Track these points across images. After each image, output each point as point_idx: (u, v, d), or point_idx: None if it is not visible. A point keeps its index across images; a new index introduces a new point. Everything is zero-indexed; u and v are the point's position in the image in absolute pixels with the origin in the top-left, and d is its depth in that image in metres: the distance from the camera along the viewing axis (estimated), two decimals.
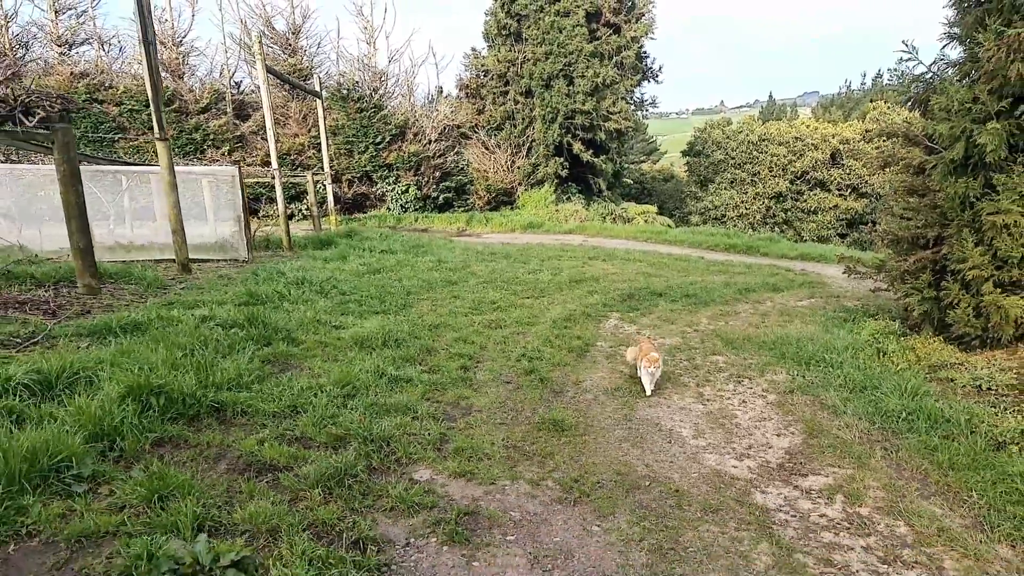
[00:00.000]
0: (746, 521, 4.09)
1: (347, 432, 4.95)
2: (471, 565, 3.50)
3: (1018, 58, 7.20)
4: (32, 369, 4.99)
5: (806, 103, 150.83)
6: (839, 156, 34.19)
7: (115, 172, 15.15)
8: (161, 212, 15.49)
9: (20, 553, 3.19)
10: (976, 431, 5.19)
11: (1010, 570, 3.55)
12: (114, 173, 15.04)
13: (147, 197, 15.67)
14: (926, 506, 4.25)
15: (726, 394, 6.62)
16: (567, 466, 4.81)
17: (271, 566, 3.19)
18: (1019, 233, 7.07)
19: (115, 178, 14.75)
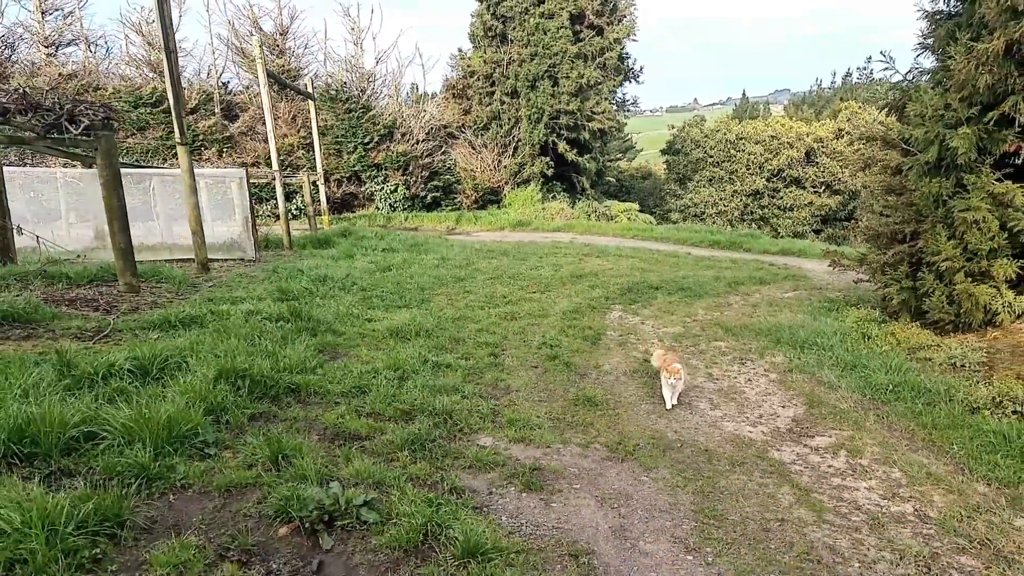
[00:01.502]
0: (768, 471, 4.89)
1: (412, 407, 5.63)
2: (550, 506, 4.23)
3: (986, 70, 8.04)
4: (130, 356, 5.61)
5: (778, 100, 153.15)
6: (813, 154, 35.36)
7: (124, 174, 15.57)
8: (165, 213, 15.97)
9: (180, 501, 3.84)
10: (954, 399, 6.05)
11: (987, 500, 4.39)
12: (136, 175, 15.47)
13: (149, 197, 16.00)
14: (915, 457, 5.08)
15: (732, 374, 7.42)
16: (607, 433, 5.56)
17: (396, 503, 3.88)
18: (987, 228, 7.90)
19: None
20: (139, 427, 4.23)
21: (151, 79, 30.01)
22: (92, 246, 14.72)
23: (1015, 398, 5.87)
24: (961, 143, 8.13)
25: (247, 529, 3.60)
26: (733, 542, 3.91)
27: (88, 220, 15.76)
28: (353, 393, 5.94)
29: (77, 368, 5.34)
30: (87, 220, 15.84)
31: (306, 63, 34.54)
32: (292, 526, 3.67)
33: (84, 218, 15.94)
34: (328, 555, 3.49)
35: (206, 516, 3.70)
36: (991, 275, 8.03)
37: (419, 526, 3.63)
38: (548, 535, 3.87)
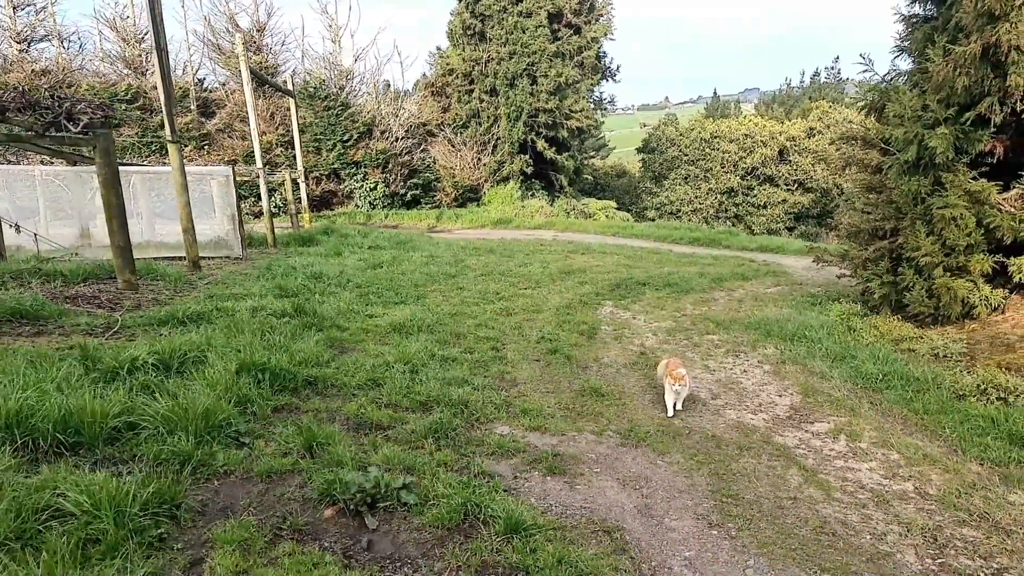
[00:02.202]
0: (775, 455, 5.17)
1: (428, 399, 5.81)
2: (575, 488, 4.45)
3: (964, 72, 8.41)
4: (152, 351, 5.71)
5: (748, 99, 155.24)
6: (786, 152, 36.06)
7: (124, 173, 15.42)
8: (147, 211, 15.87)
9: (225, 486, 3.99)
10: (941, 387, 6.40)
11: (981, 478, 4.72)
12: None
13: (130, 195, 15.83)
14: (911, 440, 5.40)
15: (728, 365, 7.72)
16: (618, 421, 5.81)
17: (431, 486, 4.07)
18: (964, 225, 8.28)
19: None
20: (179, 417, 4.37)
21: (126, 75, 29.67)
22: (77, 244, 14.59)
23: (999, 385, 6.24)
24: (939, 143, 8.49)
25: (294, 511, 3.77)
26: (752, 518, 4.17)
27: (71, 218, 15.58)
28: (369, 385, 6.10)
29: (101, 362, 5.44)
30: (68, 218, 15.64)
31: (284, 60, 34.42)
32: (336, 508, 3.85)
33: (61, 216, 15.72)
34: (374, 534, 3.67)
35: (253, 500, 3.86)
36: (968, 270, 8.41)
37: (458, 506, 3.83)
38: (578, 514, 4.10)
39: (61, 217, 14.97)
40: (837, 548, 3.87)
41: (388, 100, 33.62)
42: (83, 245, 14.48)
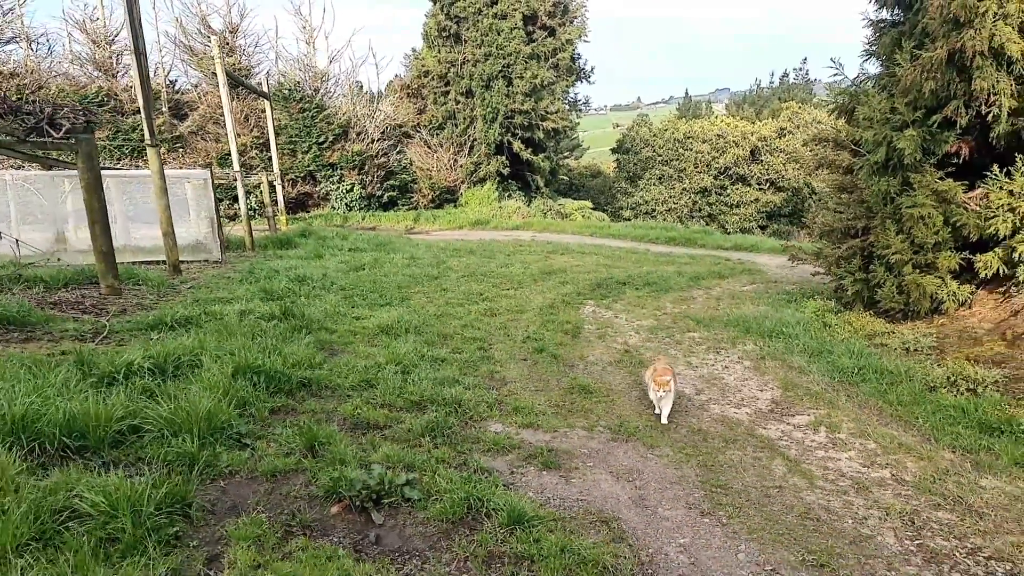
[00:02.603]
0: (759, 446, 5.39)
1: (421, 398, 5.94)
2: (570, 481, 4.62)
3: (931, 76, 8.72)
4: (147, 355, 5.77)
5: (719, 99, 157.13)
6: (758, 152, 36.67)
7: None
8: (123, 215, 15.73)
9: (232, 486, 4.09)
10: (913, 379, 6.68)
11: (954, 465, 4.98)
12: None
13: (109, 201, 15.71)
14: (886, 430, 5.66)
15: (710, 362, 7.95)
16: (607, 417, 5.99)
17: (434, 482, 4.21)
18: (932, 223, 8.59)
19: None
20: (182, 420, 4.45)
21: (96, 78, 29.27)
22: (53, 249, 14.43)
23: (968, 377, 6.53)
24: (907, 144, 8.80)
25: (302, 508, 3.88)
26: (741, 506, 4.37)
27: (43, 222, 15.37)
28: (362, 386, 6.21)
29: (97, 367, 5.48)
30: (40, 223, 15.42)
31: (257, 61, 34.18)
32: (343, 505, 3.97)
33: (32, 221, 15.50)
34: (381, 529, 3.80)
35: (260, 498, 3.97)
36: (936, 267, 8.73)
37: (461, 500, 3.97)
38: (576, 506, 4.26)
39: (32, 222, 14.77)
40: (822, 532, 4.09)
41: (364, 102, 33.55)
42: (58, 250, 14.31)
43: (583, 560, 3.48)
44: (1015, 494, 4.54)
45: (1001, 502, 4.44)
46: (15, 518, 3.07)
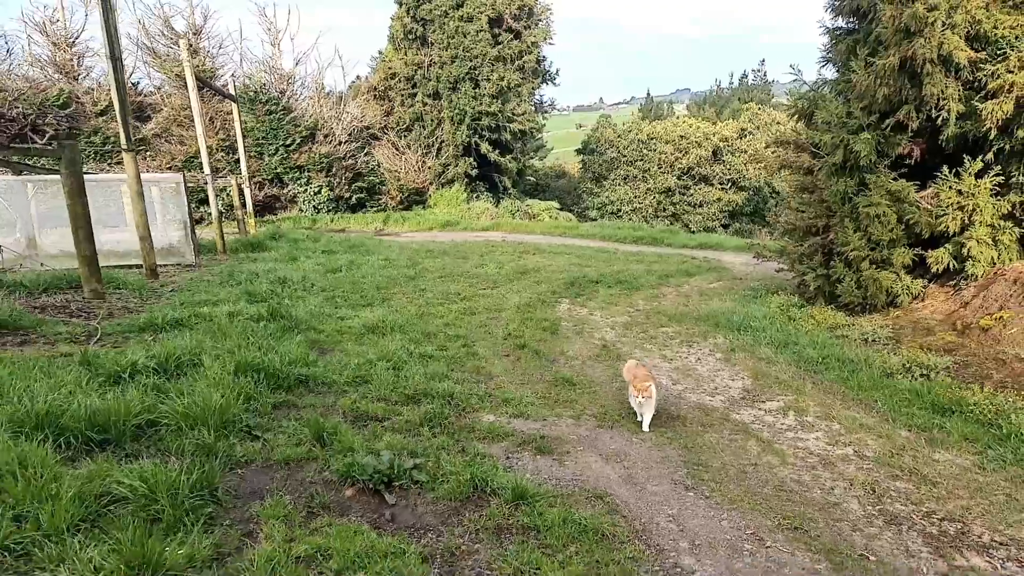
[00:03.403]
0: (734, 430, 5.82)
1: (415, 392, 6.23)
2: (564, 464, 4.97)
3: (884, 83, 9.29)
4: (150, 355, 5.97)
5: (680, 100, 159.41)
6: (720, 153, 37.53)
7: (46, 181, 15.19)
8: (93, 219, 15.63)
9: (250, 473, 4.35)
10: (872, 366, 7.20)
11: (910, 442, 5.48)
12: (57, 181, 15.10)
13: None
14: (849, 412, 6.15)
15: (683, 354, 8.39)
16: (591, 407, 6.37)
17: (439, 466, 4.53)
18: (887, 221, 9.15)
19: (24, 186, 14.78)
20: (196, 414, 4.70)
21: (57, 80, 28.79)
22: (24, 254, 14.35)
23: (921, 364, 7.07)
24: (863, 147, 9.36)
25: (318, 492, 4.16)
26: (721, 481, 4.78)
27: (10, 226, 15.21)
28: (357, 382, 6.48)
29: (103, 367, 5.67)
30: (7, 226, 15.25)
31: (221, 63, 33.82)
32: (356, 488, 4.26)
33: None
34: (395, 508, 4.10)
35: (278, 484, 4.24)
36: (892, 262, 9.31)
37: (467, 481, 4.30)
38: (571, 484, 4.62)
39: (9, 227, 14.66)
40: (794, 501, 4.52)
41: (330, 104, 33.53)
42: (29, 255, 14.23)
43: (584, 529, 3.84)
44: (964, 465, 5.05)
45: (952, 472, 4.94)
46: (65, 502, 3.31)
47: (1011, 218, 8.52)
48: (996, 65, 8.25)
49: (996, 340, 7.47)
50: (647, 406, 5.79)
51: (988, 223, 8.41)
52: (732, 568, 3.64)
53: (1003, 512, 4.36)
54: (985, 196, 8.36)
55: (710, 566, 3.65)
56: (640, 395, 5.74)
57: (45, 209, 15.15)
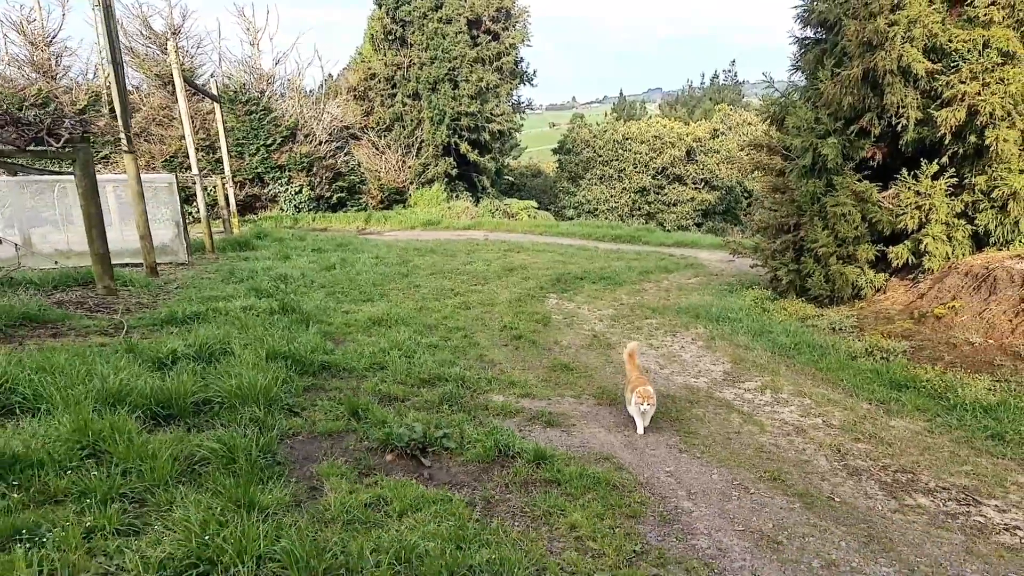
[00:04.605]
0: (718, 406, 6.56)
1: (429, 376, 6.85)
2: (571, 434, 5.64)
3: (848, 92, 10.09)
4: (187, 344, 6.52)
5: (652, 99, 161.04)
6: (693, 153, 38.56)
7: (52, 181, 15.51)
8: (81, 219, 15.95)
9: (298, 443, 4.95)
10: (839, 351, 8.00)
11: (870, 412, 6.27)
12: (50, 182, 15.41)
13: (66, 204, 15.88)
14: (818, 390, 6.92)
15: (668, 343, 9.11)
16: (590, 388, 7.05)
17: (465, 434, 5.17)
18: (853, 220, 9.94)
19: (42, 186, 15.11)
20: (247, 393, 5.28)
21: (35, 80, 28.76)
22: (21, 253, 14.64)
23: (882, 348, 7.87)
24: (830, 151, 10.14)
25: (362, 457, 4.78)
26: (710, 446, 5.49)
27: (10, 227, 15.50)
28: (374, 368, 7.08)
29: (146, 355, 6.21)
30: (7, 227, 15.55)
31: (200, 63, 33.93)
32: (395, 453, 4.88)
33: None
34: (430, 469, 4.74)
35: (325, 451, 4.84)
36: (857, 258, 10.11)
37: (492, 447, 4.94)
38: (580, 449, 5.29)
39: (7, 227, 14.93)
40: (773, 459, 5.25)
41: (310, 103, 33.84)
42: (25, 254, 14.53)
43: (597, 481, 4.51)
44: (916, 430, 5.84)
45: (906, 436, 5.72)
46: (163, 460, 3.89)
47: (964, 216, 9.36)
48: (950, 76, 9.07)
49: (948, 327, 8.30)
50: (648, 413, 5.78)
51: (943, 221, 9.24)
52: (724, 509, 4.34)
53: (947, 465, 5.14)
54: (940, 196, 9.19)
55: (705, 508, 4.35)
56: (645, 402, 5.71)
57: (45, 210, 15.51)
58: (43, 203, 15.76)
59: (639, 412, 5.78)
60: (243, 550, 3.02)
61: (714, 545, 3.86)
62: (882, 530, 4.12)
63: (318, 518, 3.68)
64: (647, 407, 5.70)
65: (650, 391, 5.72)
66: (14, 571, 2.79)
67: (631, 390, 5.90)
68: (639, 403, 5.71)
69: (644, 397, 5.69)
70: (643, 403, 5.68)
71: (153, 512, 3.50)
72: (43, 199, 15.62)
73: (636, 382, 5.92)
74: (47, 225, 15.67)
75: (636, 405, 5.75)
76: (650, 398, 5.69)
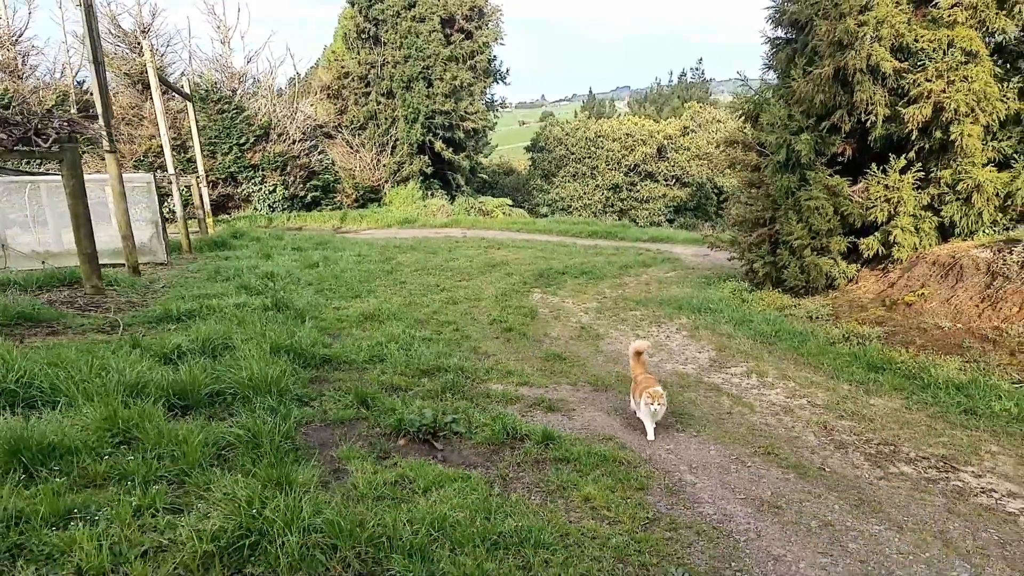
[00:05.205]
0: (708, 389, 6.88)
1: (429, 367, 7.06)
2: (572, 418, 5.90)
3: (820, 90, 10.47)
4: (191, 339, 6.65)
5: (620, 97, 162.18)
6: (664, 150, 39.14)
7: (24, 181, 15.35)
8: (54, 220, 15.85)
9: (311, 430, 5.13)
10: (818, 337, 8.39)
11: (851, 392, 6.65)
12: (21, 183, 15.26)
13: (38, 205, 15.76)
14: (801, 374, 7.28)
15: (654, 332, 9.43)
16: (584, 376, 7.32)
17: (473, 419, 5.40)
18: (825, 213, 10.33)
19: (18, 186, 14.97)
20: (259, 384, 5.45)
21: (1, 80, 28.25)
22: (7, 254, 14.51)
23: (857, 334, 8.28)
24: (803, 147, 10.52)
25: (376, 442, 4.98)
26: (704, 426, 5.80)
27: None
28: (374, 360, 7.27)
29: (151, 350, 6.34)
30: None
31: (170, 61, 33.61)
32: (407, 438, 5.10)
33: None
34: (443, 452, 4.96)
35: (339, 437, 5.04)
36: (830, 249, 10.52)
37: (500, 430, 5.17)
38: (583, 431, 5.56)
39: None
40: (765, 436, 5.58)
41: (283, 102, 33.69)
42: (3, 256, 14.41)
43: (604, 458, 4.78)
44: (894, 407, 6.23)
45: (885, 412, 6.11)
46: (195, 445, 4.06)
47: (930, 208, 9.82)
48: (917, 74, 9.50)
49: (918, 313, 8.73)
50: (660, 413, 5.51)
51: (911, 213, 9.69)
52: (724, 481, 4.64)
53: (925, 437, 5.52)
54: (908, 190, 9.63)
55: (706, 479, 4.65)
56: (655, 402, 5.41)
57: (14, 213, 15.35)
58: (11, 205, 15.60)
59: (650, 413, 5.48)
60: (290, 521, 3.23)
61: (719, 511, 4.16)
62: (871, 495, 4.47)
63: (348, 495, 3.88)
64: (658, 407, 5.41)
65: (660, 391, 5.45)
66: (77, 545, 2.96)
67: (639, 392, 5.65)
68: (649, 403, 5.42)
69: (655, 397, 5.39)
70: (653, 403, 5.39)
71: (192, 492, 3.68)
72: (11, 200, 15.46)
73: (644, 382, 5.66)
74: (15, 227, 15.50)
75: (646, 406, 5.46)
76: (660, 397, 5.40)
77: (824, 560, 3.65)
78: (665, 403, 5.47)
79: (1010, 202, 9.13)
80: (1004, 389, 6.22)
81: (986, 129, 9.22)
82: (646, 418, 5.57)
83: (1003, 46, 9.72)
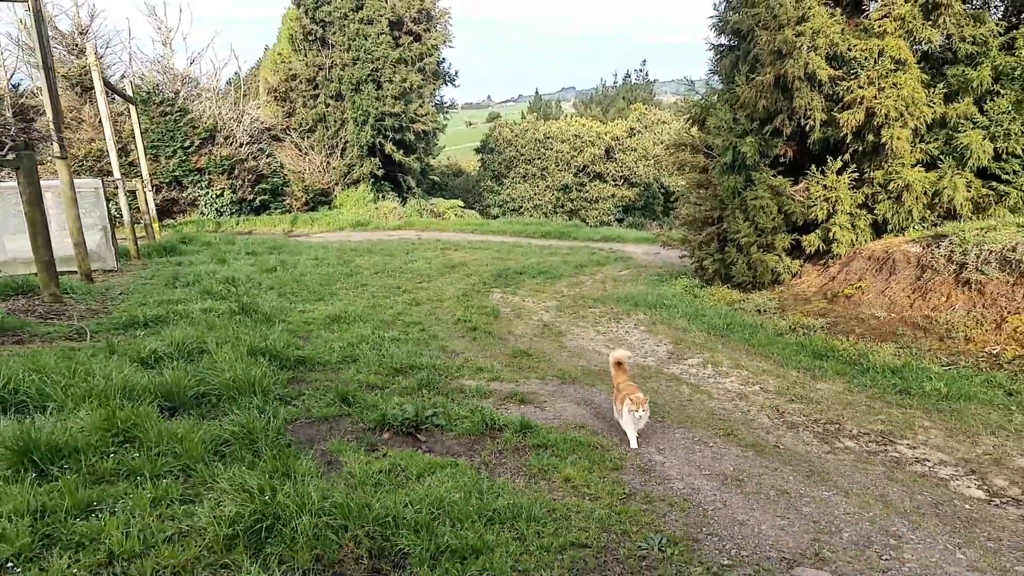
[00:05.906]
0: (668, 379, 7.33)
1: (402, 366, 7.30)
2: (544, 409, 6.24)
3: (762, 96, 11.07)
4: (167, 344, 6.76)
5: (566, 98, 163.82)
6: (612, 151, 39.92)
7: None
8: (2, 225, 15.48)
9: (297, 427, 5.35)
10: (766, 329, 8.95)
11: (799, 379, 7.19)
12: None
13: None
14: (753, 362, 7.80)
15: (613, 328, 9.86)
16: (551, 371, 7.67)
17: (451, 413, 5.69)
18: (770, 211, 10.93)
19: None
20: (242, 385, 5.64)
21: None
22: None
23: (803, 325, 8.86)
24: (748, 149, 11.10)
25: (362, 436, 5.22)
26: (668, 412, 6.23)
27: None
28: (348, 360, 7.48)
29: (128, 355, 6.43)
30: None
31: (109, 63, 32.70)
32: (392, 432, 5.36)
33: None
34: (426, 444, 5.24)
35: (325, 432, 5.27)
36: (775, 246, 11.12)
37: (479, 422, 5.48)
38: (556, 420, 5.90)
39: None
40: (723, 420, 6.05)
41: (229, 104, 33.19)
42: None
43: (579, 444, 5.14)
44: (837, 390, 6.80)
45: (829, 395, 6.67)
46: (195, 441, 4.26)
47: (865, 207, 10.50)
48: (851, 81, 10.15)
49: (857, 304, 9.37)
50: (643, 419, 5.36)
51: (848, 211, 10.35)
52: (690, 459, 5.06)
53: (865, 416, 6.09)
54: (844, 190, 10.28)
55: (674, 459, 5.06)
56: (639, 408, 5.25)
57: None
58: None
59: (633, 420, 5.33)
60: (302, 505, 3.48)
61: (688, 486, 4.56)
62: (820, 467, 4.95)
63: (347, 483, 4.14)
64: (642, 412, 5.27)
65: (643, 396, 5.33)
66: (105, 532, 3.17)
67: (620, 399, 5.52)
68: (632, 410, 5.27)
69: (638, 403, 5.25)
70: (637, 409, 5.24)
71: (199, 485, 3.89)
72: None
73: (627, 390, 5.52)
74: None
75: (629, 413, 5.30)
76: (644, 403, 5.27)
77: (782, 522, 4.08)
78: (648, 410, 5.34)
79: (937, 200, 9.84)
80: (934, 371, 6.83)
81: (914, 132, 9.91)
82: (628, 426, 5.43)
83: (929, 54, 10.46)
